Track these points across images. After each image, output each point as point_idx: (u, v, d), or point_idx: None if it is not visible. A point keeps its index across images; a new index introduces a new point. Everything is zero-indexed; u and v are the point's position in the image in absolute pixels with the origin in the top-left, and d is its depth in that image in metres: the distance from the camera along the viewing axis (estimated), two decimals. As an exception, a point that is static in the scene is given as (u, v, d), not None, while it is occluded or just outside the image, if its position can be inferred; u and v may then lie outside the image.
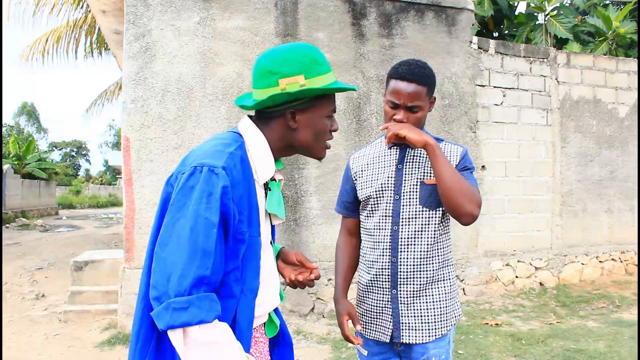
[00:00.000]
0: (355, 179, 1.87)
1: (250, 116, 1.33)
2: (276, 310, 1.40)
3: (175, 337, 1.06)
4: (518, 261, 6.15)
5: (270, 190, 1.31)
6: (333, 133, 1.34)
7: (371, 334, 1.78)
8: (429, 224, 1.72)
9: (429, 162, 1.72)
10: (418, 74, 1.68)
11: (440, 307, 1.73)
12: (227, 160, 1.15)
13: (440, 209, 1.72)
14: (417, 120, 1.71)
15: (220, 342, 1.07)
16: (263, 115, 1.28)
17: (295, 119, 1.26)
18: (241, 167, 1.18)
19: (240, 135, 1.27)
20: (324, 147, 1.34)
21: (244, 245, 1.17)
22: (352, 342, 1.72)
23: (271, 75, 1.23)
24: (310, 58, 1.25)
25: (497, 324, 4.79)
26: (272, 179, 1.32)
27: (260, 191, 1.26)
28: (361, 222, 1.86)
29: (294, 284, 1.43)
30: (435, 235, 1.73)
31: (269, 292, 1.32)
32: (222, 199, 1.11)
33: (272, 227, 1.39)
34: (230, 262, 1.16)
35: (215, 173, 1.11)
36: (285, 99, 1.22)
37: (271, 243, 1.39)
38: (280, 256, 1.47)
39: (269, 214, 1.34)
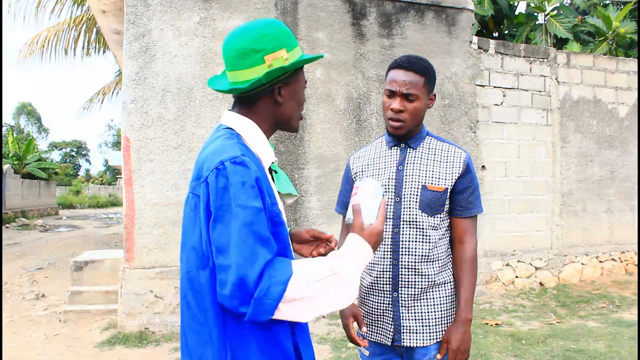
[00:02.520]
0: (356, 179, 1.85)
1: (229, 109, 1.33)
2: None
3: (283, 313, 1.08)
4: (518, 261, 6.15)
5: (276, 172, 1.33)
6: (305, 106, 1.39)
7: (373, 336, 1.77)
8: (429, 227, 1.70)
9: (431, 165, 1.72)
10: (415, 63, 1.69)
11: (442, 311, 1.71)
12: (241, 149, 1.16)
13: (439, 215, 1.71)
14: (415, 110, 1.68)
15: (313, 285, 1.10)
16: (245, 99, 1.28)
17: (281, 94, 1.27)
18: (256, 162, 1.19)
19: (232, 129, 1.27)
20: (300, 118, 1.36)
21: (283, 227, 1.18)
22: (358, 344, 1.70)
23: (255, 53, 1.22)
24: (285, 31, 1.26)
25: (497, 324, 4.79)
26: (273, 162, 1.34)
27: (269, 176, 1.28)
28: None
29: None
30: (436, 239, 1.71)
31: None
32: (257, 184, 1.12)
33: None
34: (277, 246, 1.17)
35: (238, 163, 1.12)
36: (278, 74, 1.23)
37: None
38: (291, 238, 1.47)
39: (280, 197, 1.35)
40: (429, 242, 1.70)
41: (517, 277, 6.13)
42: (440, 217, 1.72)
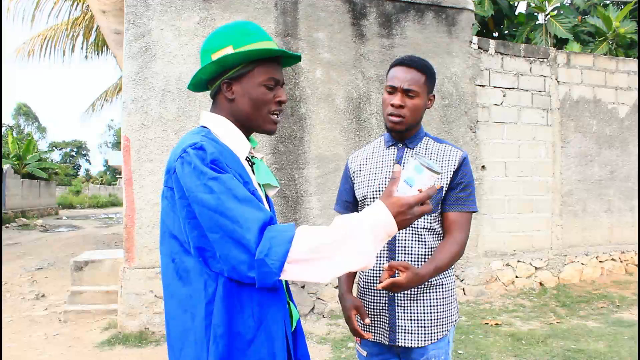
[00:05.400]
0: (354, 178, 1.86)
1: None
2: (292, 300, 1.40)
3: (290, 274, 1.06)
4: (518, 261, 6.15)
5: (254, 164, 1.33)
6: (282, 106, 1.31)
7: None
8: (425, 227, 1.70)
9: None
10: (417, 61, 1.71)
11: (437, 312, 1.71)
12: (202, 138, 1.18)
13: (434, 214, 1.71)
14: (414, 107, 1.69)
15: (320, 239, 1.07)
16: (212, 98, 1.33)
17: (232, 90, 1.27)
18: (217, 146, 1.19)
19: (204, 126, 1.30)
20: (269, 119, 1.30)
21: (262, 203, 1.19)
22: (361, 336, 1.69)
23: (205, 54, 1.28)
24: (239, 30, 1.27)
25: (497, 324, 4.79)
26: (254, 157, 1.34)
27: (247, 167, 1.28)
28: None
29: None
30: (433, 240, 1.71)
31: None
32: (217, 163, 1.13)
33: (270, 205, 1.40)
34: None
35: (198, 147, 1.14)
36: (214, 69, 1.25)
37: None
38: None
39: (263, 190, 1.35)
40: (426, 242, 1.70)
41: (517, 277, 6.13)
42: (435, 217, 1.71)
